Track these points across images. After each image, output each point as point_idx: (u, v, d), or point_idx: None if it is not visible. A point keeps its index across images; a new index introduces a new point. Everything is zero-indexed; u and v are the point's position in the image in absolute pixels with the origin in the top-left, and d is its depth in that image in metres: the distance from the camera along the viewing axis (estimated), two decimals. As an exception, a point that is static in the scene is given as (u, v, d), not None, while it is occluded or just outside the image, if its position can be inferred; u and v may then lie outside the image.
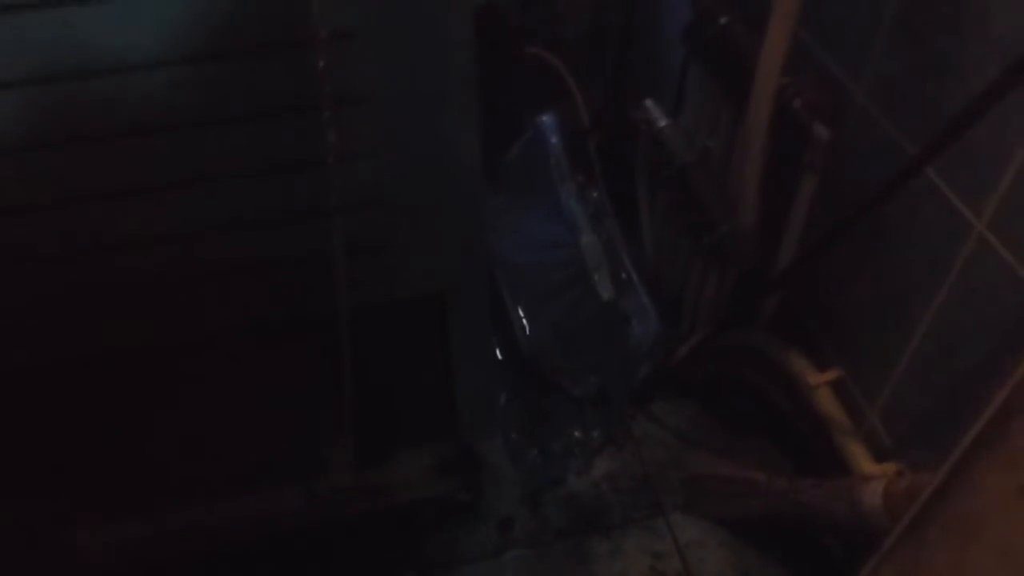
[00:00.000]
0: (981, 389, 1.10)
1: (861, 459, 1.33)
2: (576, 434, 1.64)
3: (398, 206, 1.03)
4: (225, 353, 1.15)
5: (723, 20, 1.44)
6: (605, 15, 2.00)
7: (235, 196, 0.98)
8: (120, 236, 0.97)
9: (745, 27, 1.41)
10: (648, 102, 1.78)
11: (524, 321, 1.58)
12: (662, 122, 1.73)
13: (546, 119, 1.70)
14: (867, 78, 1.20)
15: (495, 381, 1.51)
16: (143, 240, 0.98)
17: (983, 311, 1.07)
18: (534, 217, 1.75)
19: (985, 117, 0.88)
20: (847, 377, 1.38)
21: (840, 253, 1.27)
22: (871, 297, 1.28)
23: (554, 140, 1.69)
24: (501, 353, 1.64)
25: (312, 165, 0.94)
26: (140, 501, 1.31)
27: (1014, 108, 0.90)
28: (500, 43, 1.87)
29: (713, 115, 1.56)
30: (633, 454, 1.67)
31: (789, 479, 1.34)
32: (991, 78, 0.85)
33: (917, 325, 1.18)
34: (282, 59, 0.87)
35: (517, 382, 1.69)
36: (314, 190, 0.96)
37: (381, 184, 1.01)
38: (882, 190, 1.01)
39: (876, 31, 1.15)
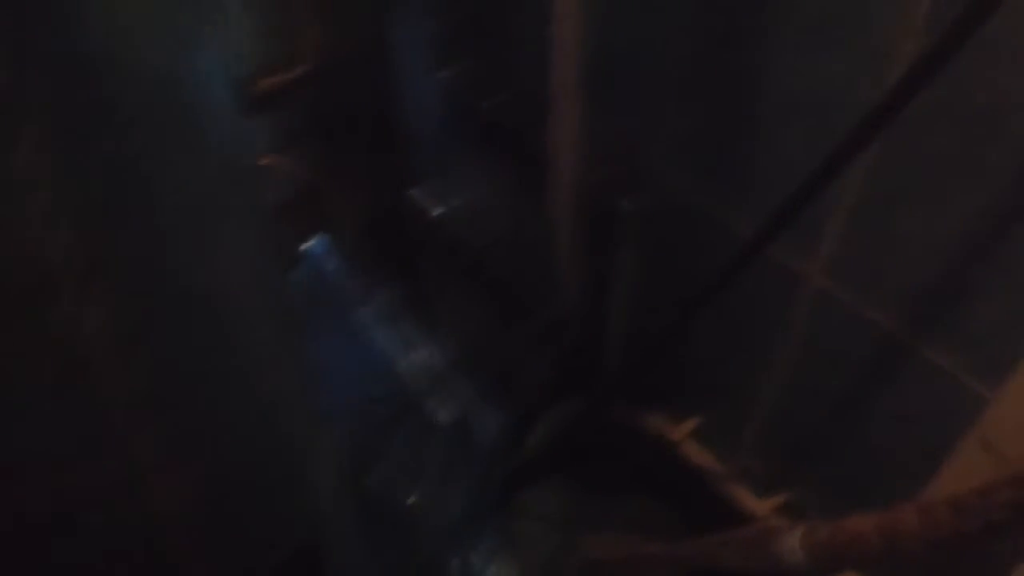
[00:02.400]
0: (842, 413, 1.16)
1: (744, 498, 1.36)
2: (456, 562, 1.52)
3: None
4: None
5: (489, 102, 1.38)
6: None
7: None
8: None
9: (514, 107, 1.37)
10: (415, 191, 1.69)
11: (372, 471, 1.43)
12: (439, 208, 1.65)
13: (318, 245, 1.55)
14: (660, 144, 1.20)
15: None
16: None
17: (828, 342, 1.12)
18: (333, 350, 1.59)
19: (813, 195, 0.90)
20: (706, 424, 1.40)
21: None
22: (721, 349, 1.30)
23: (332, 266, 1.54)
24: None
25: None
26: None
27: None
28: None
29: (495, 194, 1.51)
30: (521, 555, 1.58)
31: (692, 543, 1.33)
32: (818, 164, 0.86)
33: (771, 369, 1.21)
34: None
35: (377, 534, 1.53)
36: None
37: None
38: (722, 276, 1.00)
39: (665, 99, 1.15)
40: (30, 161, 0.51)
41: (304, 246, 1.58)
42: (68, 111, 0.53)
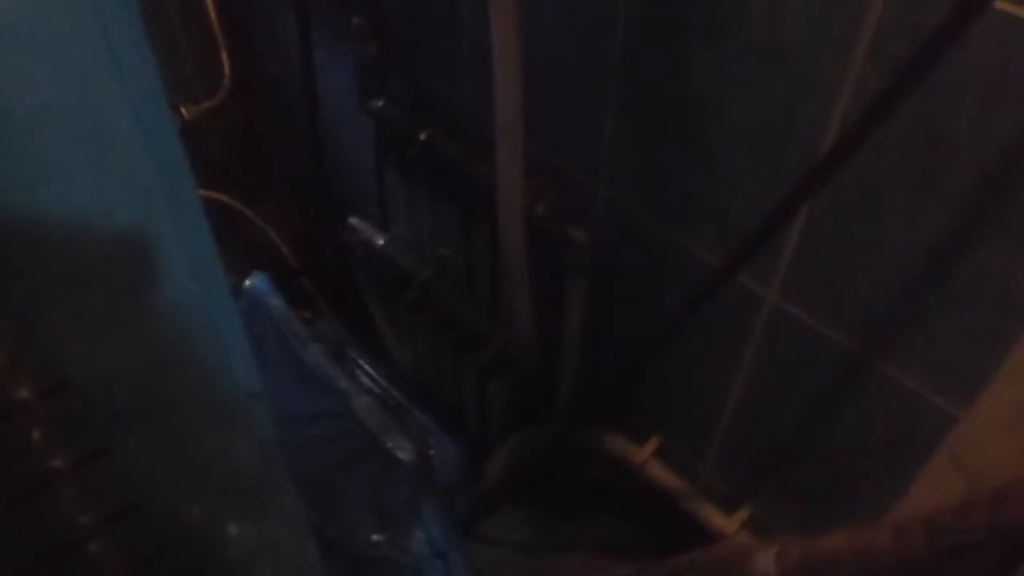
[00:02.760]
0: (804, 430, 1.16)
1: (711, 515, 1.35)
2: (423, 601, 1.48)
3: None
4: None
5: (423, 135, 1.34)
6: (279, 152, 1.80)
7: None
8: None
9: (449, 138, 1.32)
10: (354, 221, 1.64)
11: (331, 511, 1.38)
12: (379, 240, 1.60)
13: (257, 283, 1.48)
14: (604, 171, 1.18)
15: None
16: None
17: (788, 361, 1.12)
18: (281, 390, 1.53)
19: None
20: (668, 444, 1.38)
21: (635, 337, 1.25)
22: (680, 369, 1.28)
23: (275, 302, 1.48)
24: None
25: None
26: None
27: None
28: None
29: (437, 225, 1.47)
30: (486, 588, 1.55)
31: (661, 565, 1.32)
32: (785, 194, 0.85)
33: (732, 386, 1.20)
34: None
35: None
36: None
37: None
38: (689, 305, 0.99)
39: (602, 126, 1.13)
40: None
41: (245, 283, 1.51)
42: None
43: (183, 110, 1.75)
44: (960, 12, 0.66)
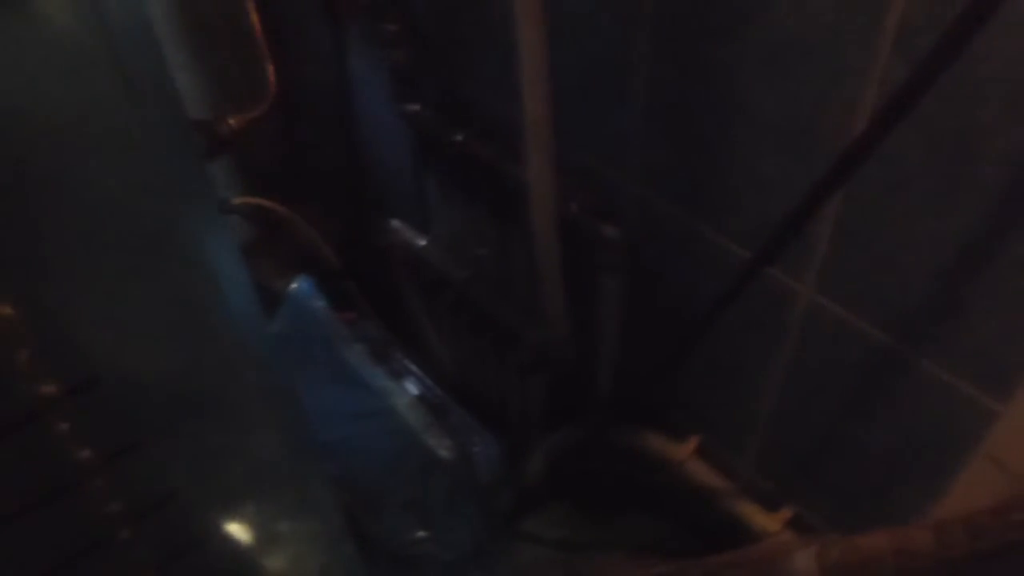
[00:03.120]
0: (844, 426, 1.14)
1: (752, 514, 1.34)
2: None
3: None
4: None
5: (457, 138, 1.35)
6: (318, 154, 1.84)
7: None
8: None
9: (482, 140, 1.34)
10: (394, 223, 1.66)
11: (374, 509, 1.41)
12: (419, 241, 1.62)
13: (301, 286, 1.52)
14: (635, 168, 1.18)
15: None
16: None
17: (825, 356, 1.10)
18: (325, 389, 1.57)
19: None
20: (709, 441, 1.37)
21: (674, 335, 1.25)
22: (717, 366, 1.28)
23: (318, 304, 1.51)
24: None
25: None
26: None
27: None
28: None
29: (473, 226, 1.49)
30: (527, 585, 1.56)
31: (701, 564, 1.31)
32: (814, 183, 0.84)
33: (770, 382, 1.19)
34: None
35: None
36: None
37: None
38: (722, 300, 0.98)
39: (630, 123, 1.13)
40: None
41: (290, 286, 1.55)
42: None
43: (230, 120, 1.80)
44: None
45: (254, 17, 1.67)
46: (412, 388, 1.51)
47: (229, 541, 0.84)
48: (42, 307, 0.50)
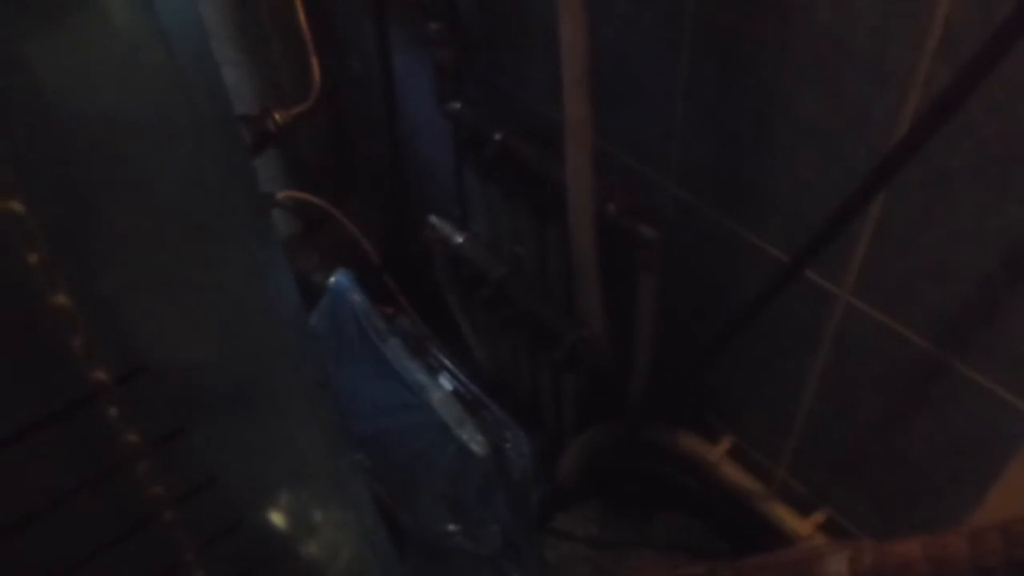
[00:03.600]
0: (879, 431, 1.13)
1: (786, 517, 1.33)
2: (497, 591, 1.51)
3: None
4: None
5: (498, 136, 1.37)
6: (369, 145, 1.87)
7: None
8: None
9: (523, 138, 1.35)
10: (434, 219, 1.68)
11: (408, 501, 1.43)
12: (458, 238, 1.64)
13: (341, 279, 1.54)
14: (675, 169, 1.18)
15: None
16: None
17: (863, 361, 1.09)
18: (362, 382, 1.59)
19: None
20: (742, 443, 1.37)
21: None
22: (753, 368, 1.27)
23: (357, 298, 1.54)
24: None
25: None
26: None
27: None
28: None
29: (512, 224, 1.50)
30: (559, 582, 1.57)
31: (732, 566, 1.31)
32: (856, 186, 0.83)
33: (806, 385, 1.18)
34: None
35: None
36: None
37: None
38: (761, 299, 0.98)
39: (672, 124, 1.13)
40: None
41: (330, 279, 1.57)
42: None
43: (276, 115, 1.83)
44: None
45: (301, 14, 1.70)
46: (447, 383, 1.53)
47: (265, 527, 0.86)
48: (95, 297, 0.52)
